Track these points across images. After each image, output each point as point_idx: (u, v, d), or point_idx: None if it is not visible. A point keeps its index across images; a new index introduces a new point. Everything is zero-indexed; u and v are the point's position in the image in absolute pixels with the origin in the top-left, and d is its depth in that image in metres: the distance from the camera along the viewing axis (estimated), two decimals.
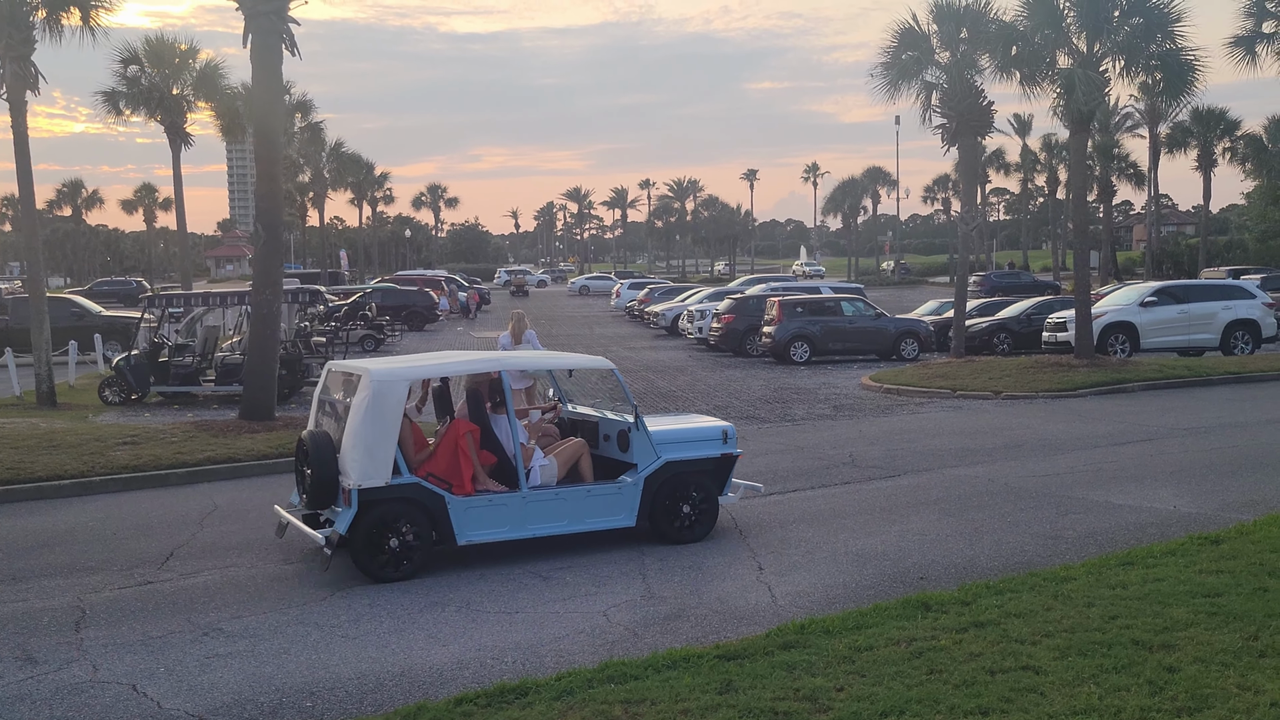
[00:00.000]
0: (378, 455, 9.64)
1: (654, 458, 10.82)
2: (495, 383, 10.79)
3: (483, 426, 10.61)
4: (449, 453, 10.23)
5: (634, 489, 10.66)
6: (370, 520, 9.61)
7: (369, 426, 9.65)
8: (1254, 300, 28.90)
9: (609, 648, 7.78)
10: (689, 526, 10.88)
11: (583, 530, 10.52)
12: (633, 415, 11.00)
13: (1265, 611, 7.21)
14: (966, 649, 6.78)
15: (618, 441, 11.22)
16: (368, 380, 9.82)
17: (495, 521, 10.12)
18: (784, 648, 7.07)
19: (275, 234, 17.08)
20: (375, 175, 79.36)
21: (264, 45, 16.55)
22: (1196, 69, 22.99)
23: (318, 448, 9.89)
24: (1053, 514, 11.69)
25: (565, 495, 10.45)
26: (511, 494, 10.24)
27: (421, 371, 10.74)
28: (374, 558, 9.66)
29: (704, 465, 11.14)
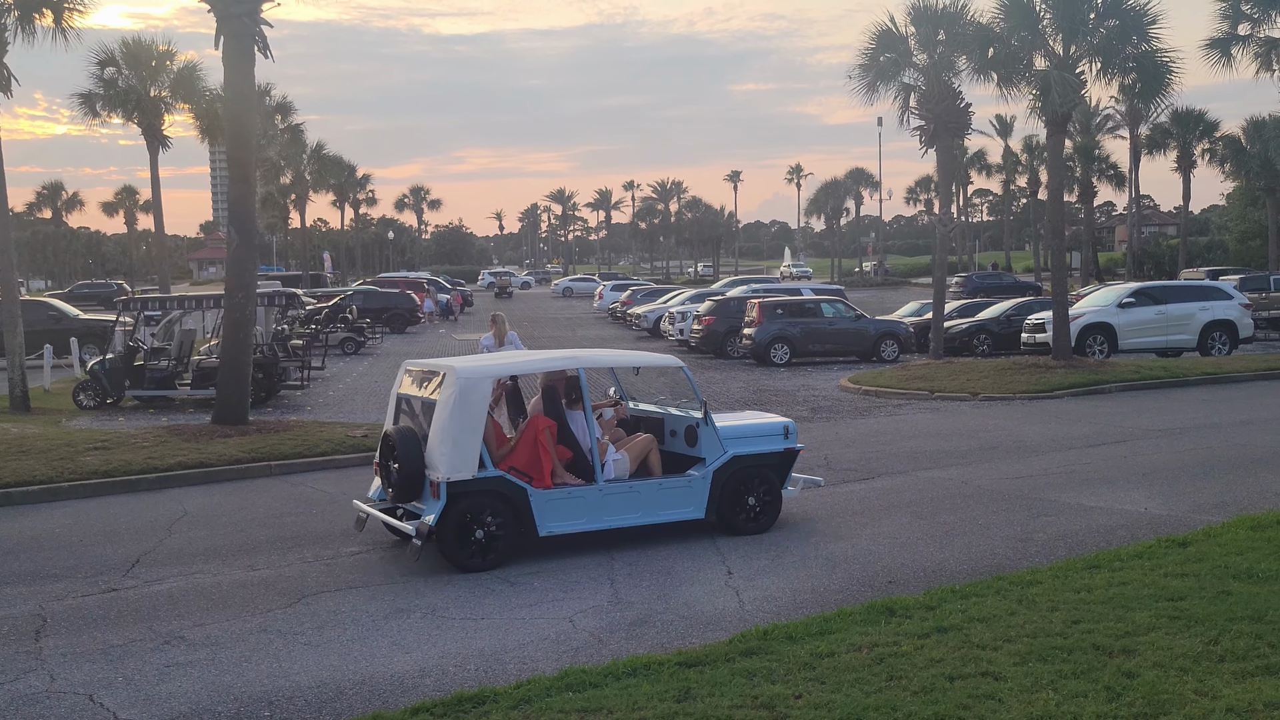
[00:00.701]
0: (465, 449, 10.03)
1: (721, 452, 11.21)
2: (572, 380, 11.15)
3: (559, 422, 10.99)
4: (529, 447, 10.63)
5: (703, 482, 11.06)
6: (458, 512, 9.98)
7: (457, 422, 10.05)
8: (1231, 301, 29.03)
9: (572, 654, 7.73)
10: (754, 518, 11.27)
11: (654, 522, 10.90)
12: (701, 411, 11.35)
13: (1227, 615, 7.20)
14: (928, 655, 6.75)
15: (685, 437, 11.60)
16: (454, 378, 10.20)
17: (574, 513, 10.51)
18: (746, 654, 7.03)
19: (248, 237, 16.97)
20: (357, 177, 79.13)
21: (236, 47, 16.44)
22: (1172, 71, 23.10)
23: (405, 443, 10.25)
24: (1024, 516, 11.68)
25: (638, 488, 10.84)
26: (588, 487, 10.61)
27: (504, 369, 11.23)
28: (461, 548, 10.02)
29: (768, 459, 11.54)
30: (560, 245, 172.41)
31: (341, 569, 10.31)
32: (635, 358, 12.96)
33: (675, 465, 11.45)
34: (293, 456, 15.54)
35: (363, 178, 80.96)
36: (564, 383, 11.21)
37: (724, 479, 11.14)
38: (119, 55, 33.10)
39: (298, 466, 15.37)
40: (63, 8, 19.92)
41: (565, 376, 11.23)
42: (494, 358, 11.79)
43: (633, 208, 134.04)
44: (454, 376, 10.22)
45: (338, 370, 30.77)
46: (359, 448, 16.29)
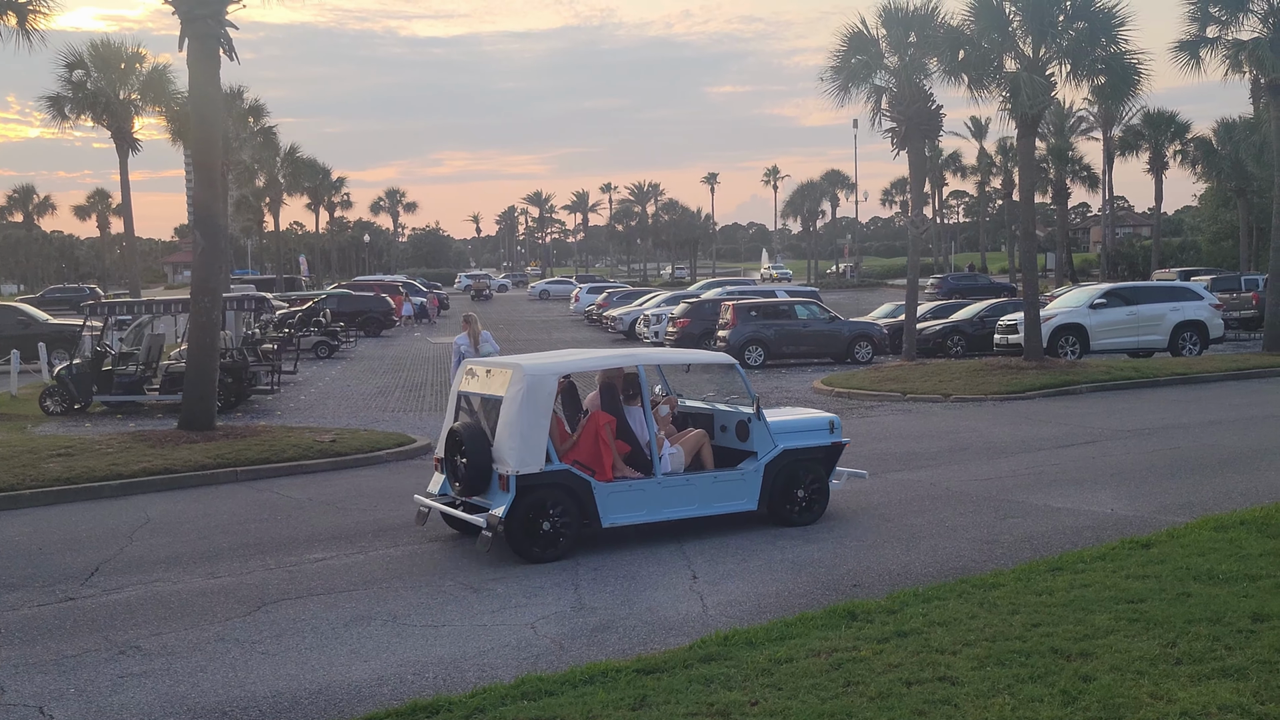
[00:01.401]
0: (533, 443, 10.36)
1: (772, 446, 11.58)
2: (631, 376, 11.51)
3: (618, 417, 11.28)
4: (590, 442, 10.94)
5: (755, 475, 11.44)
6: (526, 504, 10.28)
7: (525, 417, 10.36)
8: (1202, 302, 29.22)
9: (533, 661, 7.66)
10: (803, 510, 11.64)
11: (710, 514, 11.26)
12: (753, 407, 11.70)
13: (1185, 618, 7.20)
14: (886, 660, 6.71)
15: (736, 431, 11.99)
16: (521, 374, 10.54)
17: (634, 505, 10.86)
18: (705, 660, 6.98)
19: (215, 240, 16.83)
20: (332, 180, 78.76)
21: (201, 49, 16.31)
22: (1141, 73, 23.23)
23: (473, 438, 10.59)
24: (992, 518, 11.68)
25: (695, 481, 11.20)
26: (648, 480, 10.96)
27: (568, 366, 11.40)
28: (529, 539, 10.32)
29: (815, 453, 11.93)
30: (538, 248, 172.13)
31: (304, 576, 10.21)
32: (690, 355, 13.90)
33: (726, 459, 11.80)
34: (259, 462, 15.41)
35: (337, 180, 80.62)
36: (621, 379, 11.57)
37: (775, 472, 11.52)
38: (87, 58, 32.81)
39: (264, 472, 15.24)
40: (26, 10, 19.70)
41: (623, 374, 11.59)
42: (558, 355, 12.20)
43: (610, 210, 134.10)
44: (521, 373, 10.55)
45: (310, 374, 30.58)
46: (327, 453, 16.18)
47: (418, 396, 25.06)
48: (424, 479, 15.05)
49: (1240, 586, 7.91)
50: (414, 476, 15.23)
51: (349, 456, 16.15)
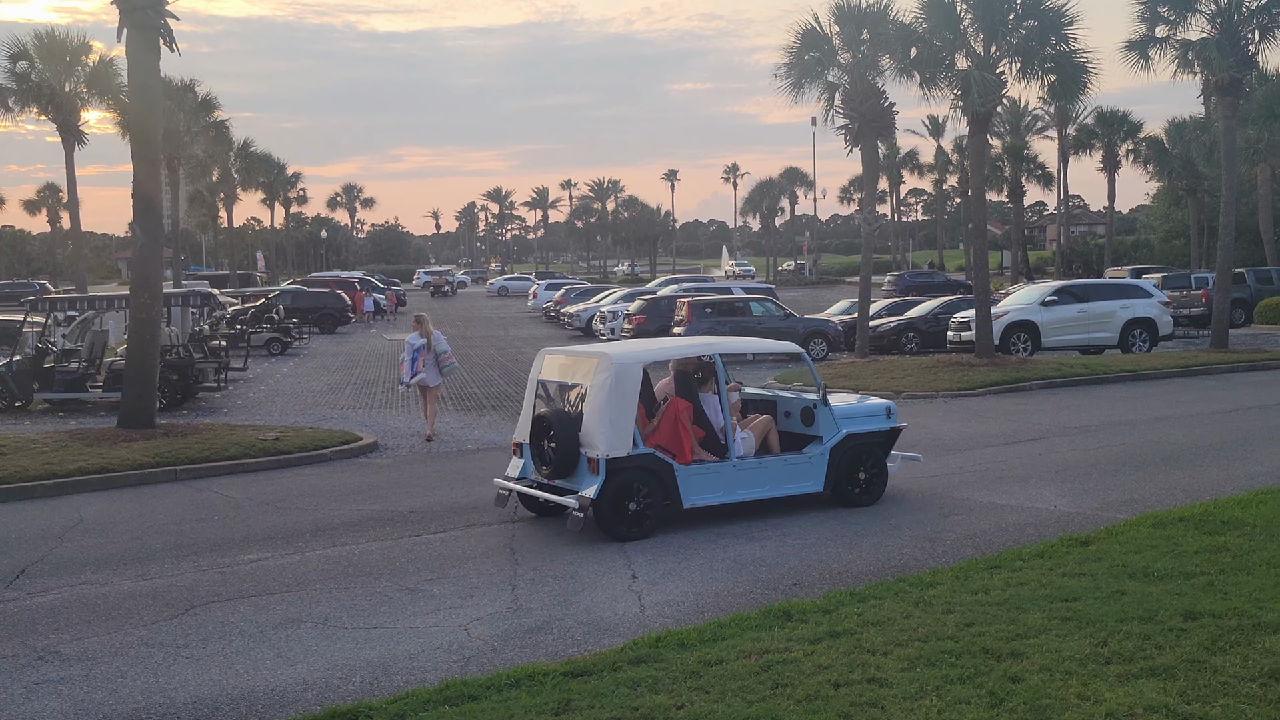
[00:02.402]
0: (621, 428, 10.87)
1: (836, 431, 12.14)
2: (707, 365, 12.02)
3: (694, 403, 11.72)
4: (670, 426, 11.39)
5: (821, 458, 11.99)
6: (615, 486, 10.76)
7: (614, 403, 10.86)
8: (1151, 299, 29.47)
9: (463, 664, 7.52)
10: (864, 490, 12.19)
11: (779, 495, 11.77)
12: (819, 394, 12.25)
13: (1118, 616, 7.17)
14: (817, 661, 6.63)
15: (801, 417, 12.51)
16: (609, 363, 11.01)
17: (712, 487, 11.38)
18: (634, 663, 6.86)
19: (154, 235, 16.51)
20: (287, 175, 77.93)
21: (140, 40, 15.98)
22: (1090, 71, 23.37)
23: (562, 423, 11.03)
24: (935, 516, 11.66)
25: (767, 464, 11.76)
26: (723, 463, 11.49)
27: (651, 354, 11.90)
28: (617, 519, 10.81)
29: (875, 437, 12.46)
30: (498, 244, 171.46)
31: (236, 577, 10.01)
32: (762, 344, 14.74)
33: (790, 443, 12.31)
34: (199, 461, 15.14)
35: (293, 176, 79.81)
36: (697, 367, 12.07)
37: (839, 455, 12.06)
38: (32, 49, 32.19)
39: (204, 471, 14.98)
40: None
41: (699, 362, 12.11)
42: (640, 344, 12.85)
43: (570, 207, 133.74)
44: (609, 362, 11.02)
45: (261, 371, 30.20)
46: (270, 451, 15.93)
47: (368, 394, 24.79)
48: (367, 477, 14.90)
49: (1174, 584, 7.91)
50: (358, 475, 15.05)
51: (292, 455, 15.90)
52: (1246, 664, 6.29)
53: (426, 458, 16.39)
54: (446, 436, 18.19)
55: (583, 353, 11.84)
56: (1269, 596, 7.47)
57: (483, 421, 19.99)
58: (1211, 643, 6.63)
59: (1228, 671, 6.20)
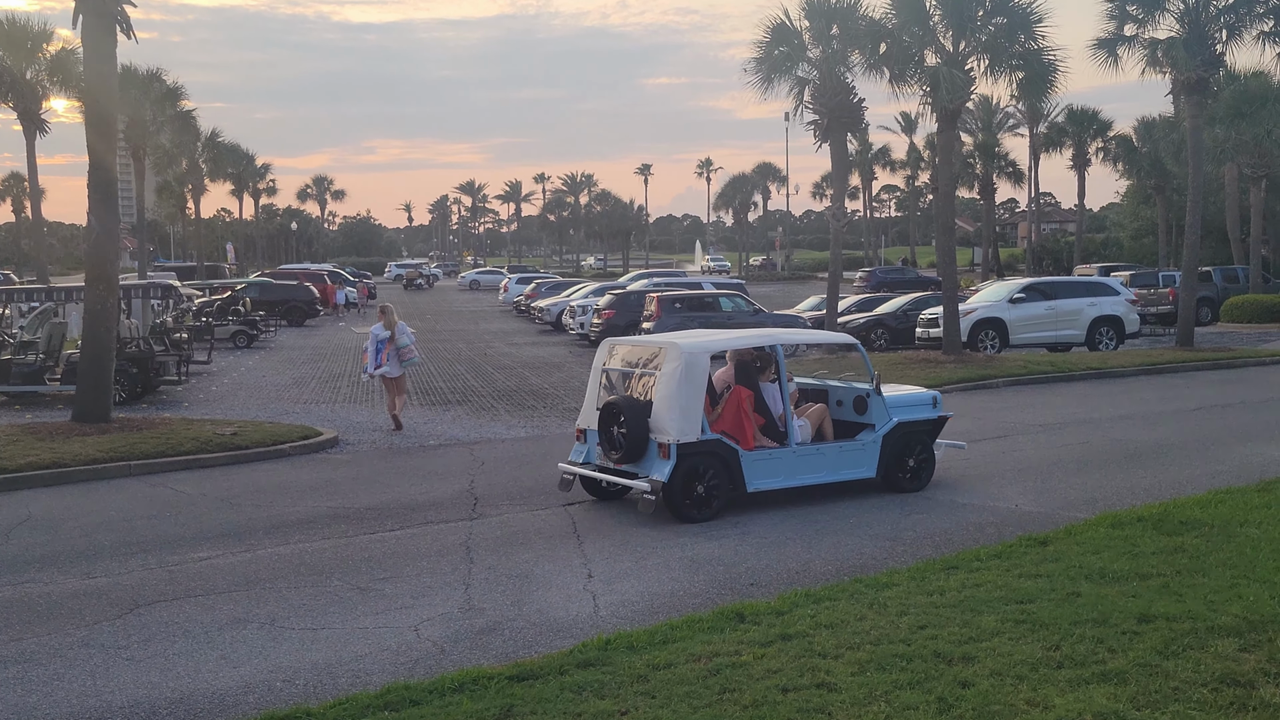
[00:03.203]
0: (691, 415, 11.31)
1: (888, 419, 12.56)
2: (768, 355, 12.42)
3: (755, 392, 12.09)
4: (733, 414, 11.79)
5: (874, 445, 12.43)
6: (684, 470, 11.20)
7: (684, 391, 11.31)
8: (1118, 297, 29.59)
9: (410, 667, 7.37)
10: (913, 476, 12.66)
11: (835, 480, 12.24)
12: (872, 384, 12.66)
13: (1072, 619, 7.09)
14: (766, 665, 6.52)
15: (853, 406, 12.92)
16: (678, 352, 11.45)
17: (773, 472, 11.83)
18: (582, 666, 6.73)
19: (110, 225, 16.22)
20: (256, 166, 77.18)
21: (96, 25, 15.69)
22: (1058, 69, 23.40)
23: (633, 411, 11.44)
24: (897, 514, 11.58)
25: (824, 450, 12.23)
26: (783, 449, 11.94)
27: (717, 344, 12.30)
28: (686, 501, 11.25)
29: (924, 426, 12.94)
30: (471, 237, 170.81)
31: (185, 576, 9.82)
32: (819, 336, 15.45)
33: (842, 431, 12.75)
34: (154, 456, 14.89)
35: (262, 167, 79.10)
36: (757, 357, 12.46)
37: (891, 443, 12.49)
38: None
39: (159, 466, 14.73)
40: None
41: (761, 352, 12.50)
42: (707, 335, 13.20)
43: (544, 200, 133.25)
44: (678, 351, 11.47)
45: (226, 365, 29.86)
46: (227, 446, 15.70)
47: (333, 388, 24.54)
48: (325, 473, 14.69)
49: (1130, 586, 7.85)
50: (317, 471, 14.85)
51: (250, 450, 15.67)
52: (1199, 668, 6.23)
53: (387, 453, 16.20)
54: (409, 431, 18.00)
55: (651, 342, 12.40)
56: (1224, 599, 7.42)
57: (446, 416, 19.80)
58: (1164, 646, 6.56)
59: (1179, 676, 6.13)
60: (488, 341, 37.81)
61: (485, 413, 20.26)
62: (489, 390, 23.78)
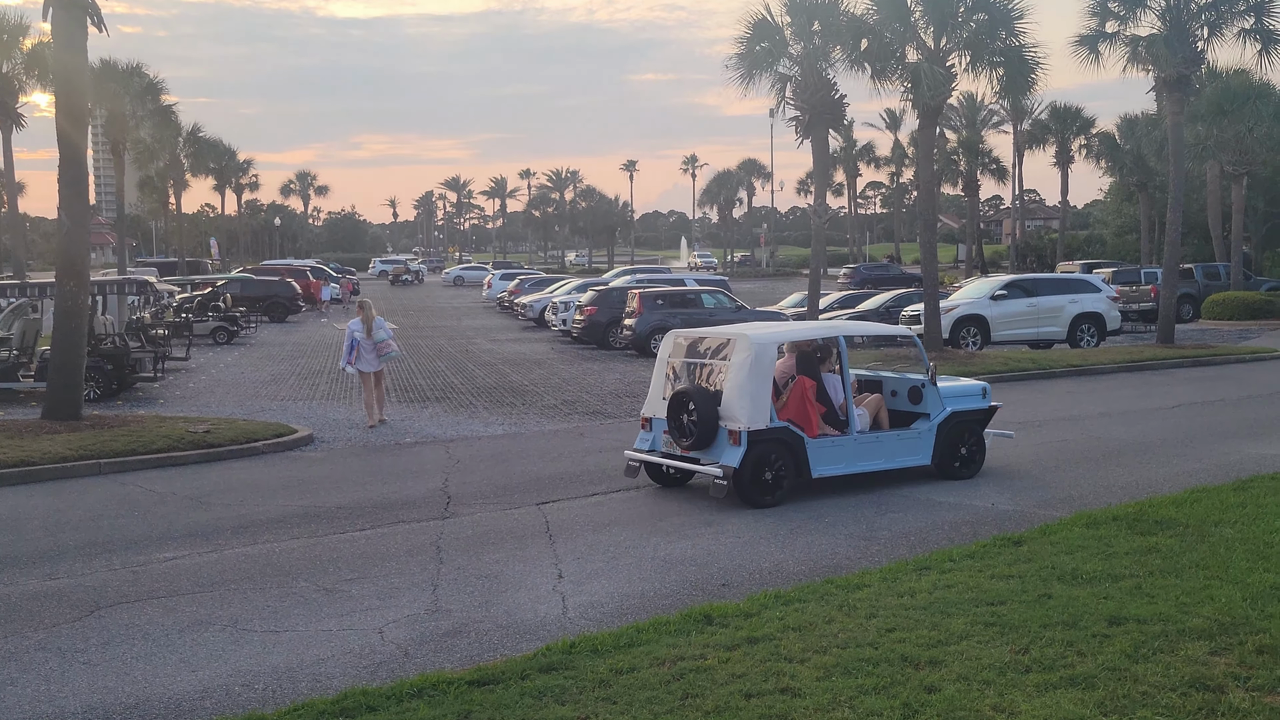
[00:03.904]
0: (760, 403, 11.73)
1: (942, 409, 13.00)
2: (829, 346, 12.88)
3: (817, 382, 12.53)
4: (798, 402, 12.20)
5: (929, 434, 12.86)
6: (754, 456, 11.59)
7: (754, 380, 11.74)
8: (1099, 294, 29.59)
9: (372, 670, 7.25)
10: (965, 463, 13.08)
11: (892, 468, 12.69)
12: (927, 375, 13.11)
13: (1042, 621, 7.00)
14: (731, 669, 6.41)
15: (908, 396, 13.34)
16: (748, 343, 11.88)
17: (836, 459, 12.24)
18: (544, 670, 6.61)
19: (81, 221, 16.03)
20: (239, 161, 76.74)
21: (66, 19, 15.48)
22: (1038, 66, 23.34)
23: (703, 399, 11.86)
24: (872, 512, 11.50)
25: (882, 438, 12.67)
26: (845, 437, 12.38)
27: (784, 335, 12.79)
28: (755, 487, 11.64)
29: (975, 415, 13.36)
30: (457, 234, 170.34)
31: (149, 577, 9.66)
32: (879, 328, 16.05)
33: (896, 420, 13.16)
34: (124, 454, 14.70)
35: (244, 162, 78.63)
36: (819, 349, 12.91)
37: (945, 432, 12.91)
38: None
39: (130, 464, 14.55)
40: None
41: (822, 343, 12.97)
42: (772, 326, 13.94)
43: (529, 196, 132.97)
44: (748, 342, 11.89)
45: (204, 361, 29.64)
46: (199, 444, 15.52)
47: (311, 385, 24.36)
48: (298, 471, 14.52)
49: (1102, 587, 7.77)
50: (289, 469, 14.69)
51: (222, 448, 15.50)
52: (1168, 672, 6.14)
53: (361, 451, 16.05)
54: (385, 429, 17.85)
55: (719, 334, 12.73)
56: (1195, 600, 7.35)
57: (424, 414, 19.65)
58: (1134, 650, 6.48)
59: (1148, 680, 6.05)
60: (469, 338, 37.63)
61: (463, 410, 20.12)
62: (469, 387, 23.63)
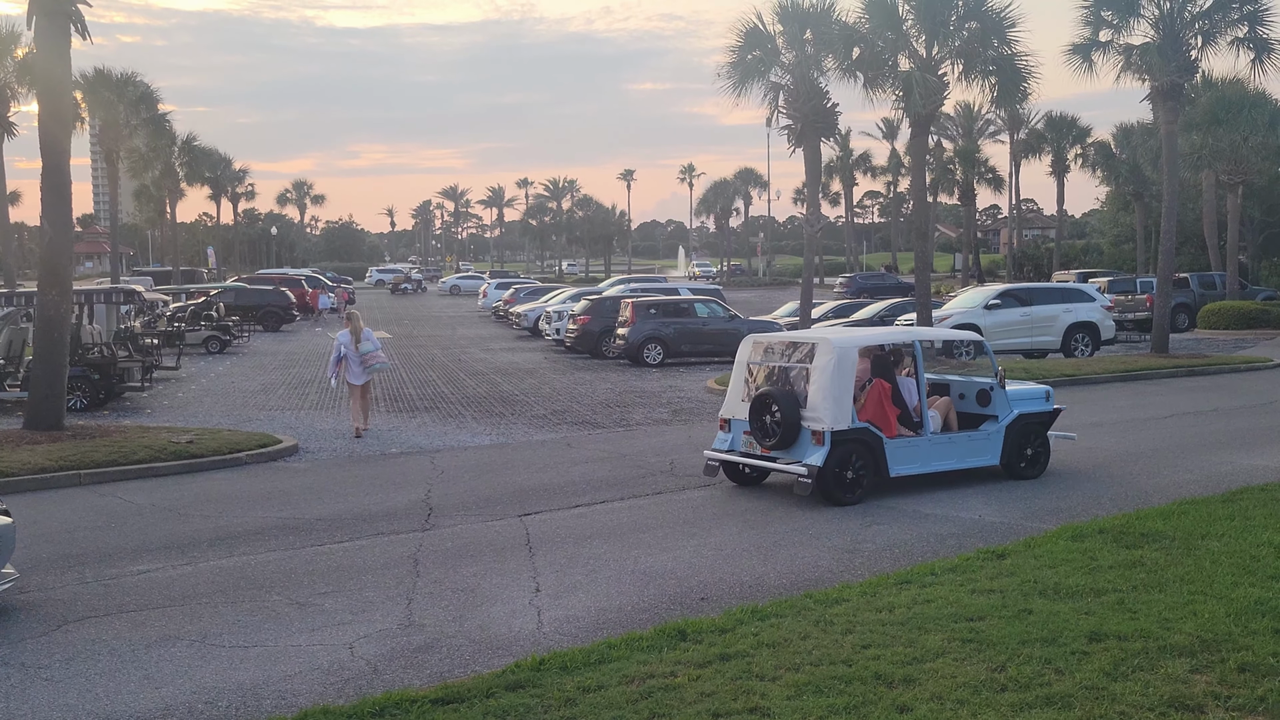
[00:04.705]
0: (843, 405, 12.21)
1: (1010, 411, 13.46)
2: (906, 351, 13.43)
3: (892, 384, 12.98)
4: (875, 404, 12.65)
5: (998, 435, 13.32)
6: (837, 455, 12.06)
7: (838, 383, 12.19)
8: (1094, 303, 29.47)
9: (340, 687, 7.10)
10: (1030, 464, 13.52)
11: (963, 468, 13.13)
12: (997, 378, 13.60)
13: (1020, 638, 6.86)
14: (701, 687, 6.27)
15: (976, 399, 13.81)
16: (830, 347, 12.32)
17: (910, 459, 12.68)
18: (511, 688, 6.47)
19: (63, 229, 15.91)
20: (234, 170, 76.61)
21: (49, 27, 15.38)
22: (1030, 75, 23.24)
23: (787, 401, 12.33)
24: (857, 524, 11.36)
25: (954, 439, 13.14)
26: (919, 438, 12.83)
27: (864, 340, 13.12)
28: (838, 485, 12.10)
29: (1041, 418, 13.77)
30: (454, 243, 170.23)
31: (120, 590, 9.51)
32: (950, 333, 17.03)
33: (964, 423, 13.60)
34: (105, 465, 14.56)
35: (240, 171, 78.44)
36: (891, 351, 13.40)
37: (1013, 433, 13.35)
38: None
39: (110, 475, 14.40)
40: None
41: (897, 348, 13.50)
42: (851, 331, 14.08)
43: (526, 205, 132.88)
44: (830, 346, 12.35)
45: (195, 370, 29.51)
46: (182, 455, 15.37)
47: (301, 394, 24.22)
48: (280, 482, 14.35)
49: (1084, 602, 7.62)
50: (272, 480, 14.55)
51: (205, 459, 15.35)
52: (1147, 691, 6.00)
53: (346, 462, 15.91)
54: (371, 439, 17.73)
55: (802, 338, 13.25)
56: (1178, 616, 7.20)
57: (412, 424, 19.52)
58: (1114, 667, 6.34)
59: (1126, 699, 5.90)
60: (463, 347, 37.50)
61: (452, 420, 19.99)
62: (459, 397, 23.49)
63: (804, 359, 12.64)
